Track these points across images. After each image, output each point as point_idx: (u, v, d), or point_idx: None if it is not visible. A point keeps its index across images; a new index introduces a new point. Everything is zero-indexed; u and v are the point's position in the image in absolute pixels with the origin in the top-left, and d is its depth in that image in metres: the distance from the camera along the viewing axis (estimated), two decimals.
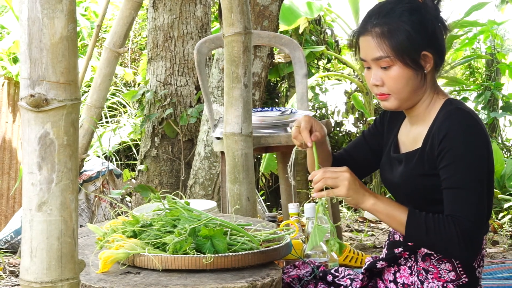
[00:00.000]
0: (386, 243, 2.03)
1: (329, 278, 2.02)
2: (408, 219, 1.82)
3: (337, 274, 2.03)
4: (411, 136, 1.97)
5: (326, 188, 1.85)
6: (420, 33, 1.88)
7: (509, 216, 4.93)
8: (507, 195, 5.35)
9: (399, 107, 1.94)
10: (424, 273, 1.91)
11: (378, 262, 1.98)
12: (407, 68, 1.88)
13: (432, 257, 1.90)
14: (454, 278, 1.89)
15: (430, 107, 1.93)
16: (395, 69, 1.88)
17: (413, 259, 1.94)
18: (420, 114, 1.94)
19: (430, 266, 1.90)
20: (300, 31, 6.34)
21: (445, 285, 1.89)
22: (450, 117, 1.85)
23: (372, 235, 4.63)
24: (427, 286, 1.90)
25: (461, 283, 1.89)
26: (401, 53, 1.87)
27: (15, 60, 6.67)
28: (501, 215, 5.02)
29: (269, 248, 1.89)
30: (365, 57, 1.93)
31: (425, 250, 1.90)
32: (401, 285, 1.95)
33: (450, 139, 1.82)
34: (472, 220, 1.78)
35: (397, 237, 1.99)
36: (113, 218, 2.12)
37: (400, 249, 1.94)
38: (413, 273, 1.94)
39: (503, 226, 4.79)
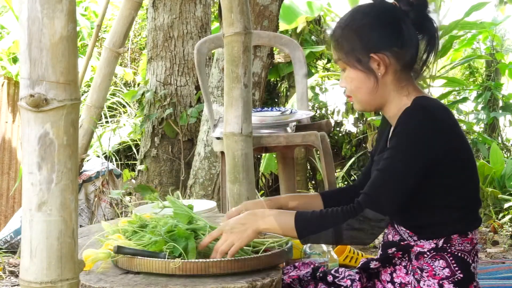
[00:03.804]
0: (380, 244, 2.03)
1: (330, 278, 2.02)
2: (295, 219, 1.85)
3: (337, 274, 2.03)
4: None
5: None
6: (368, 36, 1.88)
7: (509, 216, 4.93)
8: (507, 195, 5.35)
9: (364, 109, 1.98)
10: (419, 272, 1.91)
11: (371, 262, 1.98)
12: (357, 71, 1.91)
13: (425, 255, 1.90)
14: (449, 275, 1.88)
15: (402, 108, 1.91)
16: (348, 71, 1.93)
17: (407, 258, 1.94)
18: (394, 116, 1.94)
19: (424, 264, 1.90)
20: (298, 30, 6.34)
21: (441, 282, 1.88)
22: (405, 112, 1.86)
23: None
24: (424, 284, 1.90)
25: (456, 280, 1.88)
26: (347, 56, 1.91)
27: (14, 60, 6.67)
28: (501, 215, 5.02)
29: (271, 252, 1.87)
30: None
31: (418, 249, 1.90)
32: (398, 285, 1.95)
33: (398, 131, 1.85)
34: (375, 201, 1.79)
35: (390, 237, 1.99)
36: (119, 216, 2.11)
37: (393, 249, 1.94)
38: (409, 272, 1.94)
39: (503, 226, 4.79)
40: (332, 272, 2.04)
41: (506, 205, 5.05)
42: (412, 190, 1.82)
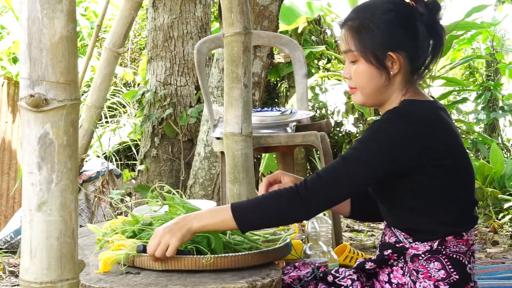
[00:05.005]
0: (378, 245, 2.03)
1: (330, 278, 2.02)
2: (233, 210, 1.83)
3: (337, 274, 2.03)
4: None
5: None
6: (389, 34, 1.87)
7: (509, 216, 4.93)
8: (507, 195, 5.36)
9: (364, 103, 1.97)
10: (415, 273, 1.91)
11: (367, 263, 1.98)
12: (370, 66, 1.90)
13: (420, 257, 1.90)
14: (444, 277, 1.88)
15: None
16: (359, 64, 1.91)
17: (402, 260, 1.94)
18: None
19: (420, 267, 1.90)
20: (299, 31, 6.34)
21: (436, 283, 1.88)
22: (386, 112, 1.89)
23: (372, 235, 4.63)
24: (420, 286, 1.89)
25: (452, 281, 1.88)
26: (364, 50, 1.89)
27: (14, 60, 6.68)
28: (501, 215, 5.02)
29: (269, 248, 1.89)
30: (341, 49, 1.99)
31: (413, 251, 1.90)
32: (395, 286, 1.95)
33: (371, 125, 1.87)
34: (326, 184, 1.81)
35: (387, 239, 1.99)
36: (115, 218, 2.12)
37: (389, 251, 1.94)
38: (405, 273, 1.94)
39: (503, 226, 4.79)
40: (332, 272, 2.04)
41: (506, 205, 5.05)
42: (369, 183, 1.85)
